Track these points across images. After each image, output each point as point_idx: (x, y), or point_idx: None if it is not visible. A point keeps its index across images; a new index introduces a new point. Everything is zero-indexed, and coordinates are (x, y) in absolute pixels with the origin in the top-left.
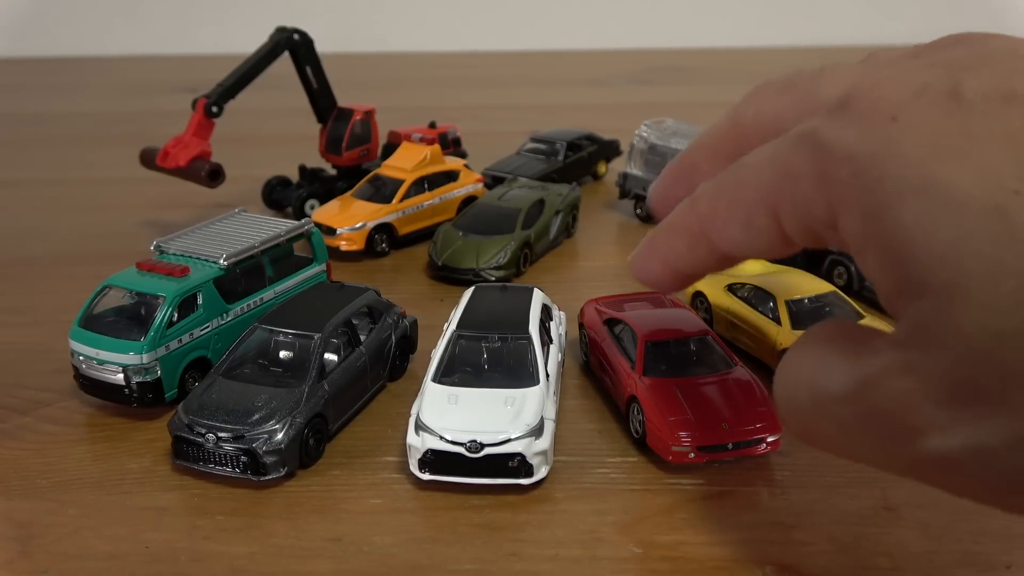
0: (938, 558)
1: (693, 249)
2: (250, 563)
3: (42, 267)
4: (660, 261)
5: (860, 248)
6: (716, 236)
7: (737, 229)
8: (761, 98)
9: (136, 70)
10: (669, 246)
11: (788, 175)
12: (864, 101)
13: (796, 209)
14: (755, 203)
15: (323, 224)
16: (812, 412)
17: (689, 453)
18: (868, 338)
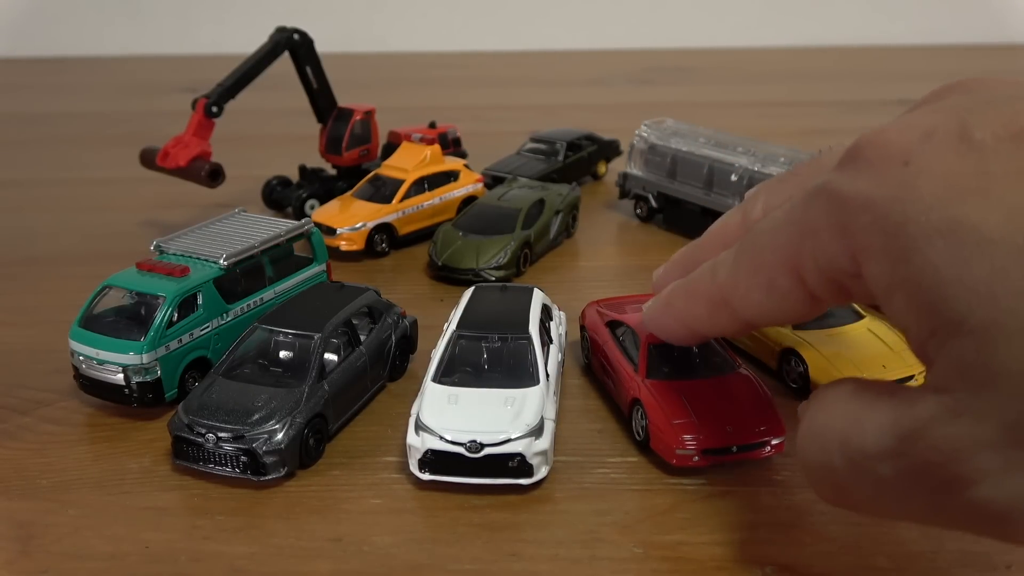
0: (938, 558)
1: (713, 315)
2: (250, 563)
3: (42, 267)
4: (678, 322)
5: (887, 293)
6: (738, 304)
7: (760, 294)
8: (767, 190)
9: (136, 70)
10: (688, 310)
11: (807, 231)
12: (872, 149)
13: (818, 264)
14: (776, 265)
15: (323, 224)
16: (849, 474)
17: (693, 457)
18: (895, 391)
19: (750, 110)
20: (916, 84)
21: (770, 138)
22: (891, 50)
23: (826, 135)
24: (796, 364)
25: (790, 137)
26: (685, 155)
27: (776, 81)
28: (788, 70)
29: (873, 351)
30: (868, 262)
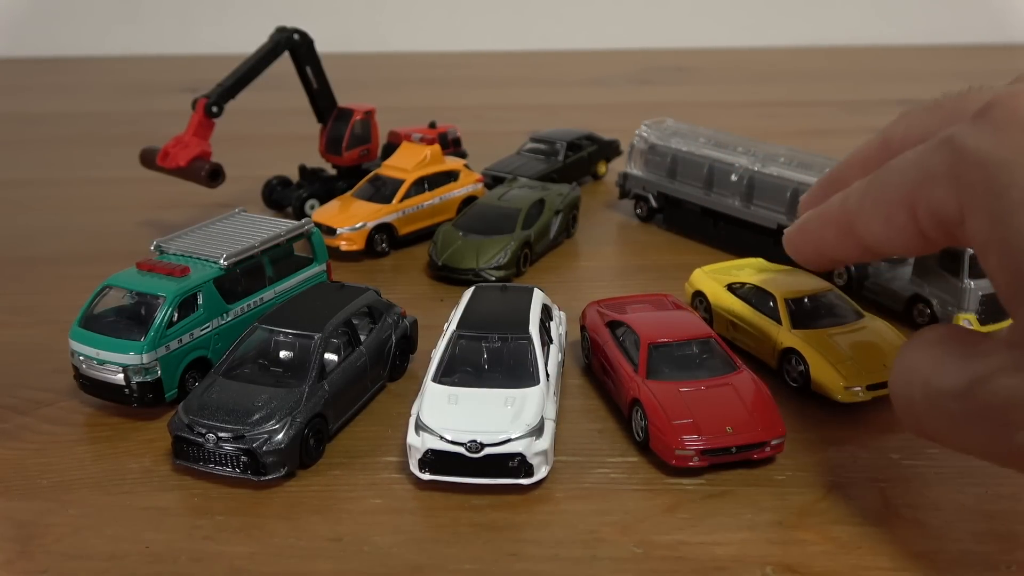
0: (938, 558)
1: (841, 239)
2: (250, 563)
3: (42, 267)
4: (810, 245)
5: (984, 249)
6: (861, 230)
7: (879, 225)
8: (911, 117)
9: (136, 70)
10: (820, 234)
11: (927, 176)
12: (1003, 111)
13: (930, 207)
14: (896, 202)
15: (323, 224)
16: (926, 407)
17: (693, 457)
18: (979, 341)
19: (750, 110)
20: (916, 84)
21: (770, 138)
22: (891, 50)
23: (826, 135)
24: (797, 363)
25: (790, 137)
26: (685, 155)
27: (776, 81)
28: (788, 70)
29: (873, 350)
30: (971, 216)
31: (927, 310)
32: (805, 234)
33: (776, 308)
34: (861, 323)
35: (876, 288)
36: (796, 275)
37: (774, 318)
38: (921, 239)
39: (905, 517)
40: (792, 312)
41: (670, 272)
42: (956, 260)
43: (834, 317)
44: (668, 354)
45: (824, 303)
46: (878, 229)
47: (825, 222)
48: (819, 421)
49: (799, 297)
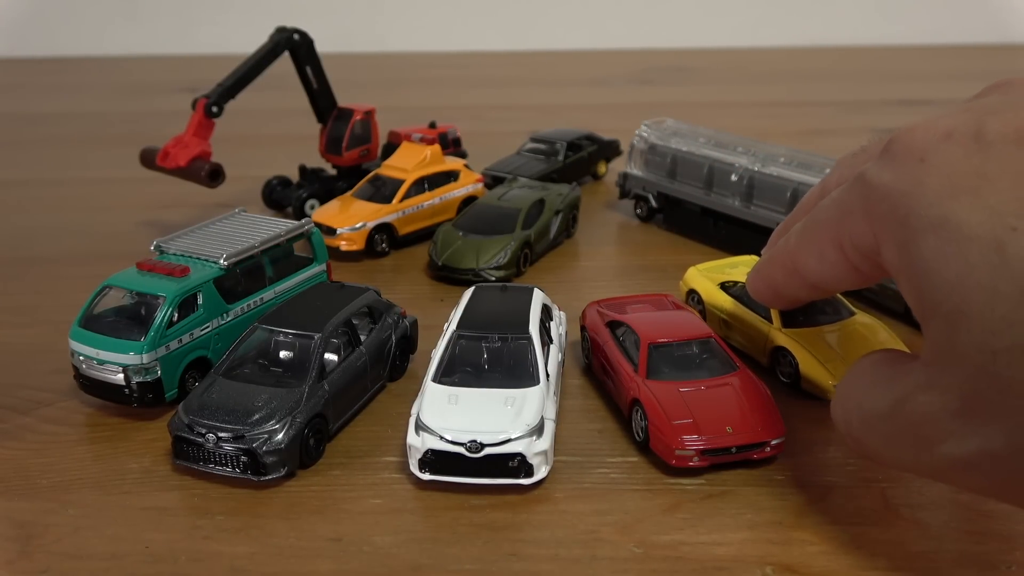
0: (938, 558)
1: (788, 279)
2: (250, 563)
3: (42, 267)
4: (766, 287)
5: (896, 274)
6: (801, 268)
7: (815, 262)
8: (843, 164)
9: (136, 70)
10: (770, 275)
11: (846, 212)
12: (900, 145)
13: (852, 241)
14: (825, 239)
15: (323, 224)
16: (862, 430)
17: (693, 458)
18: (904, 362)
19: (750, 110)
20: (916, 84)
21: (770, 138)
22: (891, 50)
23: (826, 135)
24: (787, 361)
25: (790, 137)
26: (685, 155)
27: (776, 81)
28: (788, 70)
29: (864, 348)
30: (883, 245)
31: None
32: (759, 277)
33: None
34: (852, 320)
35: (876, 288)
36: None
37: (765, 316)
38: (854, 272)
39: (905, 517)
40: (783, 311)
41: (670, 272)
42: None
43: (825, 315)
44: (668, 354)
45: (816, 301)
46: (815, 266)
47: (773, 264)
48: (818, 421)
49: None
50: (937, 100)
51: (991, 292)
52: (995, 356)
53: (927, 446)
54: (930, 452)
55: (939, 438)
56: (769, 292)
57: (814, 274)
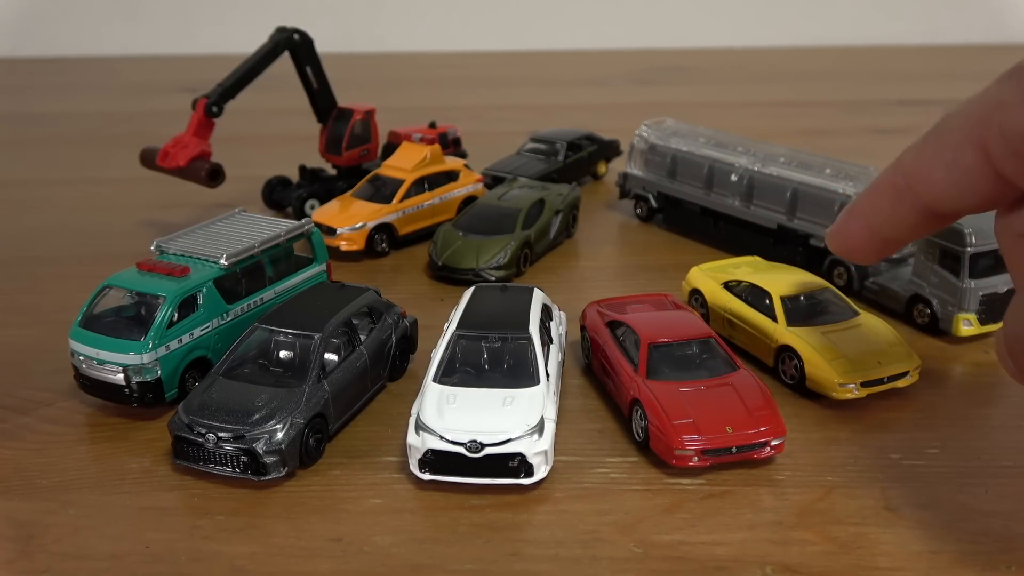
0: (938, 558)
1: (896, 206)
2: (250, 563)
3: (42, 267)
4: (860, 223)
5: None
6: (921, 186)
7: (943, 171)
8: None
9: (136, 70)
10: (871, 206)
11: (996, 106)
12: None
13: (1005, 135)
14: (961, 142)
15: (323, 224)
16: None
17: (693, 458)
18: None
19: (750, 110)
20: (916, 84)
21: (770, 138)
22: (891, 50)
23: (826, 135)
24: (792, 361)
25: (790, 137)
26: (685, 155)
27: (776, 81)
28: (788, 70)
29: (869, 347)
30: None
31: (927, 310)
32: (854, 214)
33: (772, 306)
34: (857, 321)
35: (876, 288)
36: (792, 273)
37: (770, 316)
38: (992, 180)
39: (905, 517)
40: (788, 310)
41: (670, 272)
42: (956, 260)
43: (830, 315)
44: (668, 354)
45: (820, 301)
46: (941, 178)
47: (876, 191)
48: (818, 421)
49: (795, 295)
50: (937, 100)
51: None
52: None
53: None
54: None
55: None
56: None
57: (939, 189)
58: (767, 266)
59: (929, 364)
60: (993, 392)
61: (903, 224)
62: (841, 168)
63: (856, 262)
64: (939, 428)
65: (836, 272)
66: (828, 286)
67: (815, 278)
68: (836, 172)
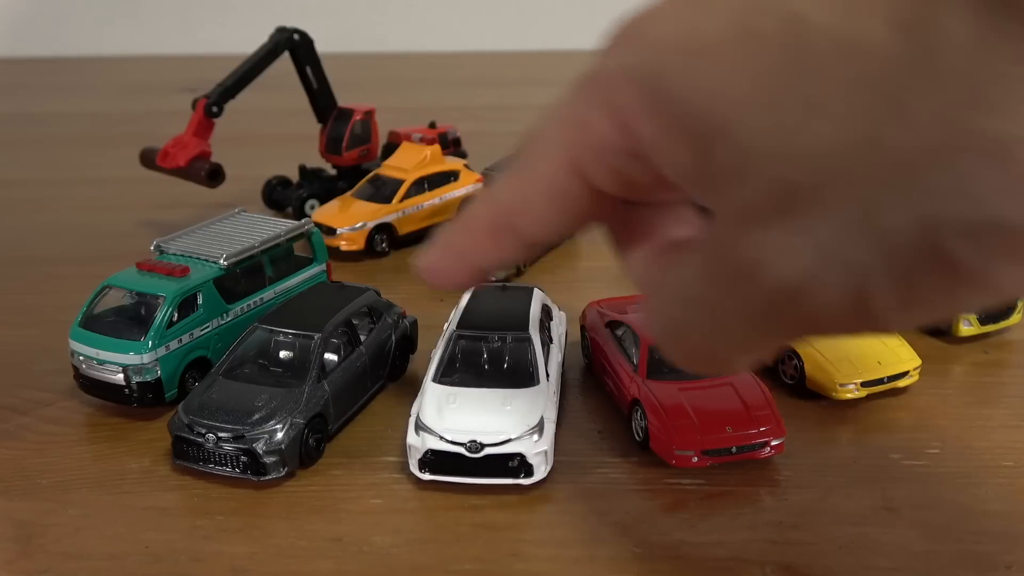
0: (938, 558)
1: (499, 243)
2: (250, 563)
3: (42, 267)
4: (459, 262)
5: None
6: (524, 222)
7: (544, 203)
8: None
9: (136, 70)
10: (471, 245)
11: (579, 126)
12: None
13: (595, 152)
14: (556, 170)
15: (323, 224)
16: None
17: (693, 457)
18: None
19: None
20: None
21: None
22: None
23: None
24: (792, 361)
25: None
26: None
27: None
28: None
29: (869, 347)
30: (639, 127)
31: None
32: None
33: None
34: None
35: None
36: None
37: None
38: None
39: (905, 517)
40: None
41: None
42: None
43: None
44: None
45: None
46: (542, 211)
47: (475, 232)
48: (818, 421)
49: None
50: None
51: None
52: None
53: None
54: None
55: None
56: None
57: (543, 223)
58: None
59: (929, 364)
60: (993, 392)
61: (505, 256)
62: None
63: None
64: (939, 428)
65: None
66: None
67: None
68: None
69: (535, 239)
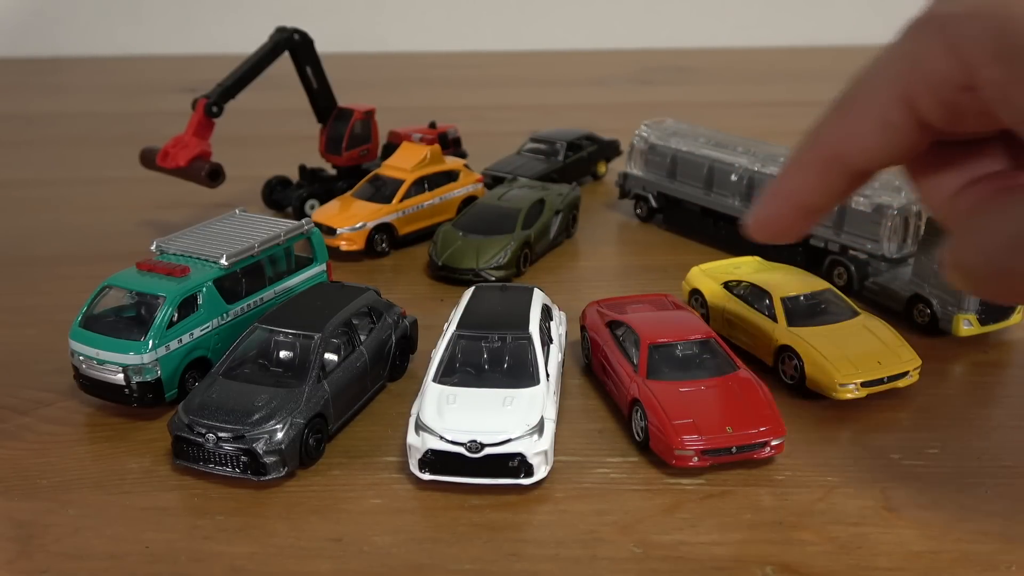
0: (938, 558)
1: (824, 176)
2: (250, 563)
3: (42, 267)
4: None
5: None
6: (853, 152)
7: (874, 135)
8: None
9: (136, 70)
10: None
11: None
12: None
13: (930, 87)
14: (887, 102)
15: (323, 224)
16: None
17: (693, 458)
18: None
19: (750, 110)
20: None
21: (770, 138)
22: None
23: None
24: (792, 361)
25: (790, 137)
26: (685, 155)
27: (776, 81)
28: (788, 70)
29: (869, 347)
30: (983, 69)
31: (927, 310)
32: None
33: (772, 306)
34: (856, 321)
35: (876, 288)
36: (792, 273)
37: (770, 316)
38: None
39: (905, 517)
40: (788, 310)
41: (670, 272)
42: None
43: (829, 315)
44: (668, 354)
45: (820, 301)
46: (873, 142)
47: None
48: (818, 421)
49: (795, 295)
50: None
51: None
52: None
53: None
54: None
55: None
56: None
57: (869, 152)
58: (767, 266)
59: (929, 364)
60: (993, 392)
61: (832, 191)
62: None
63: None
64: (939, 428)
65: (836, 272)
66: (828, 286)
67: (815, 278)
68: None
69: (863, 169)
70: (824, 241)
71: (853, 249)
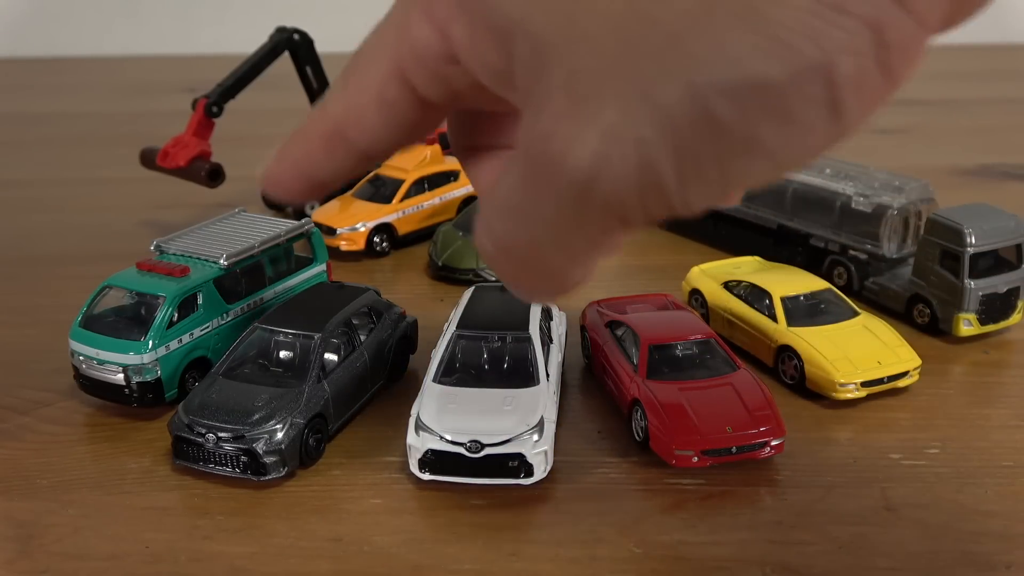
0: (938, 558)
1: (331, 154)
2: (250, 563)
3: (42, 267)
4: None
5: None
6: (355, 132)
7: (373, 113)
8: None
9: (136, 70)
10: (304, 154)
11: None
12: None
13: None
14: (382, 77)
15: (323, 224)
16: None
17: (693, 457)
18: None
19: None
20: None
21: None
22: None
23: None
24: (792, 361)
25: None
26: None
27: None
28: None
29: (868, 347)
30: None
31: (927, 310)
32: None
33: (772, 306)
34: (856, 321)
35: (876, 288)
36: (792, 274)
37: (770, 316)
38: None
39: (905, 517)
40: (788, 310)
41: (670, 272)
42: (956, 260)
43: (830, 315)
44: (668, 354)
45: (820, 301)
46: (373, 119)
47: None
48: (818, 421)
49: (795, 295)
50: (937, 100)
51: None
52: None
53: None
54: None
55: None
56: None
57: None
58: (767, 266)
59: (929, 364)
60: (993, 392)
61: (340, 169)
62: (841, 168)
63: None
64: (939, 428)
65: (836, 272)
66: (828, 286)
67: (815, 278)
68: (836, 172)
69: (368, 150)
70: (824, 241)
71: (853, 249)
